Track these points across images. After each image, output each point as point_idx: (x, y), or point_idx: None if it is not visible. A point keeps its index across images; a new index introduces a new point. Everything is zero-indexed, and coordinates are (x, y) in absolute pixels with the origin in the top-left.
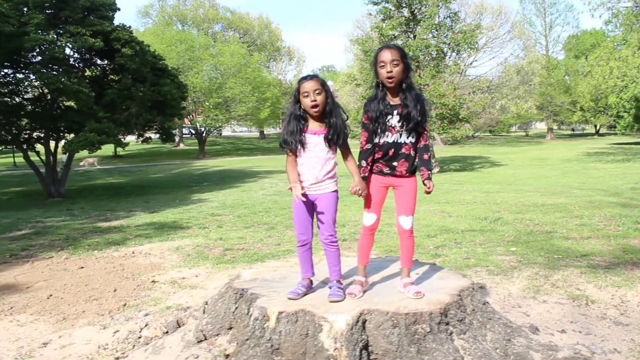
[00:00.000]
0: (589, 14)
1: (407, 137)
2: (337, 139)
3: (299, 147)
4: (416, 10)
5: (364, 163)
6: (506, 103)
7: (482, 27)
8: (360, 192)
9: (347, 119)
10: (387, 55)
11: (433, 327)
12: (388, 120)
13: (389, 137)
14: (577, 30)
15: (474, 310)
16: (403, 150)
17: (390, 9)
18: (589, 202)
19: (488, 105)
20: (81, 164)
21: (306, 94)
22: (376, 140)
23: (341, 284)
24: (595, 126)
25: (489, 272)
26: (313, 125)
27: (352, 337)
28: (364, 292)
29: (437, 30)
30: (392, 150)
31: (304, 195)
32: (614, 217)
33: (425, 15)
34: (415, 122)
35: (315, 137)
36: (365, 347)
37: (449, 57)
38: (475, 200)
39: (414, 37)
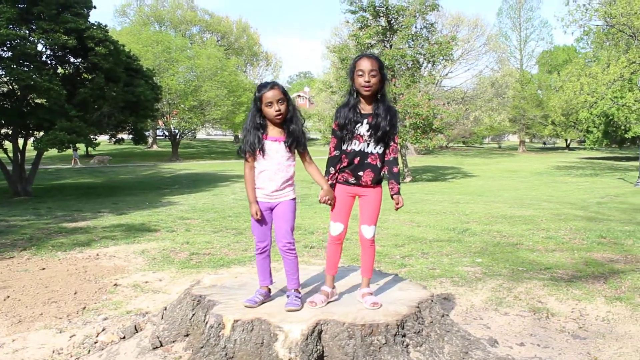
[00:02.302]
0: (561, 30)
1: (375, 148)
2: (296, 145)
3: (259, 153)
4: (393, 20)
5: (332, 170)
6: (480, 115)
7: (458, 39)
8: (328, 200)
9: (304, 123)
10: (366, 65)
11: (389, 339)
12: (357, 129)
13: (356, 145)
14: (550, 46)
15: (432, 322)
16: (369, 160)
17: (368, 18)
18: (556, 215)
19: (462, 117)
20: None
21: (270, 104)
22: (343, 148)
23: (299, 293)
24: (566, 140)
25: (454, 283)
26: (273, 132)
27: (307, 347)
28: (329, 302)
29: (413, 41)
30: (358, 158)
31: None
32: (579, 230)
33: (402, 25)
34: (383, 132)
35: (275, 143)
36: (321, 357)
37: (425, 68)
38: (445, 211)
39: (390, 46)
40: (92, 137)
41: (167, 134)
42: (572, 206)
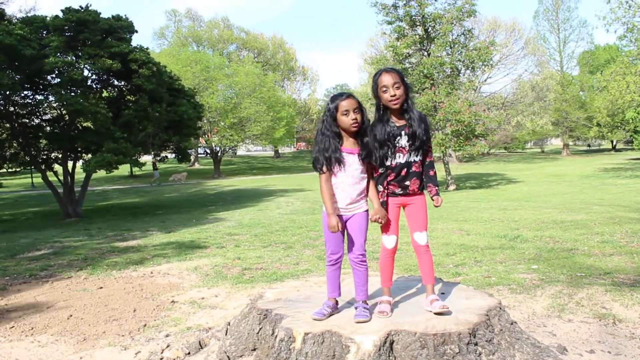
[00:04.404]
0: (603, 29)
1: (417, 156)
2: (370, 157)
3: (337, 165)
4: (430, 29)
5: (380, 188)
6: (521, 119)
7: (496, 44)
8: (380, 219)
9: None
10: (388, 79)
11: (462, 348)
12: (398, 142)
13: (401, 158)
14: (591, 46)
15: (501, 330)
16: (414, 168)
17: (404, 28)
18: (609, 218)
19: (503, 122)
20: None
21: (346, 112)
22: (387, 163)
23: (367, 304)
24: (612, 141)
25: (511, 291)
26: (347, 143)
27: (379, 359)
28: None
29: (451, 48)
30: (405, 170)
31: (340, 220)
32: (636, 233)
33: (439, 33)
34: (421, 141)
35: (351, 156)
36: None
37: (464, 74)
38: (493, 218)
39: (428, 54)
40: (136, 157)
41: (208, 151)
42: (625, 209)
